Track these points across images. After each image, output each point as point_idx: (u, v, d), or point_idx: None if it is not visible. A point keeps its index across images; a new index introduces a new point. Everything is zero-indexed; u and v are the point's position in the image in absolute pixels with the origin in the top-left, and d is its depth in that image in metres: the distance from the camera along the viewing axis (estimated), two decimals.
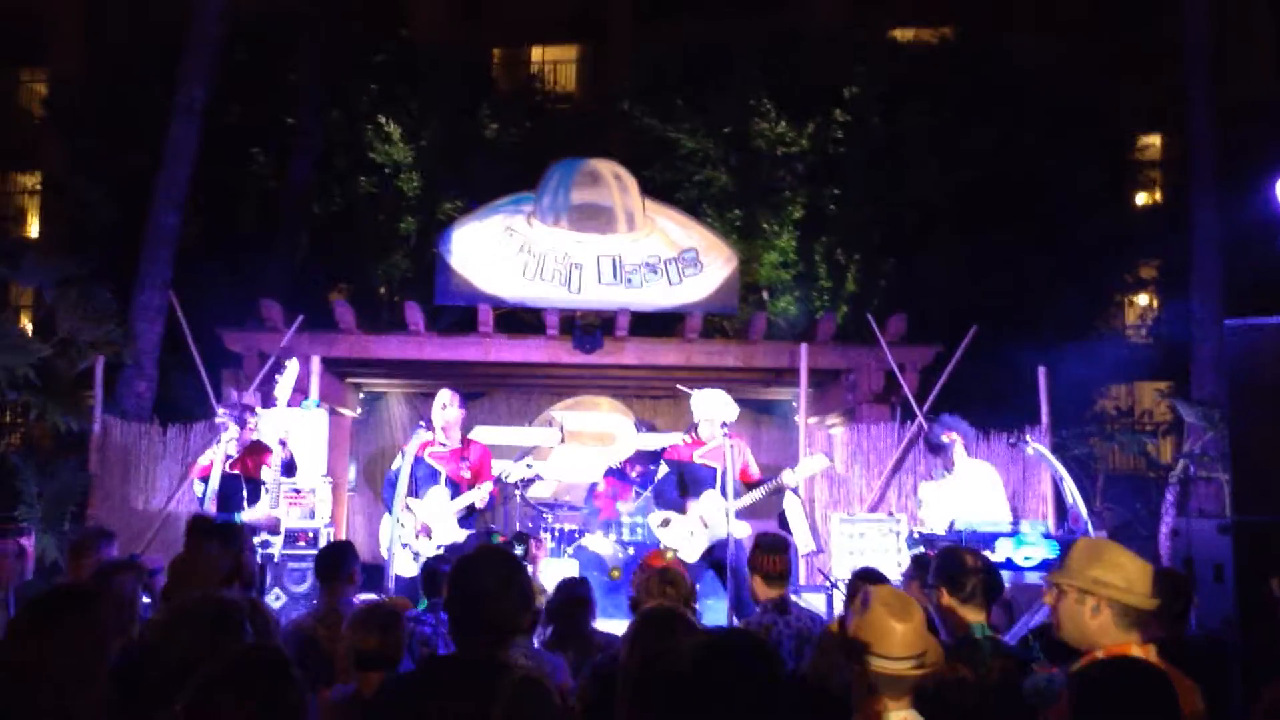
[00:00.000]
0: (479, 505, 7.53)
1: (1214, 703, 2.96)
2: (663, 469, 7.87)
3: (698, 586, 5.09)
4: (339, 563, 5.03)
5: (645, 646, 2.96)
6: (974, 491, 7.43)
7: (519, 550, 6.70)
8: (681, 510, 7.56)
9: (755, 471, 7.74)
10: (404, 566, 7.17)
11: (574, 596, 4.68)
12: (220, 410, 7.67)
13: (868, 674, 2.64)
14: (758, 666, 2.23)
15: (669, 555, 4.71)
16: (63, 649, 2.48)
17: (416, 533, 7.35)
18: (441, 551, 7.16)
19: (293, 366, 7.83)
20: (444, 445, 7.59)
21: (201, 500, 7.34)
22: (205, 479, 7.33)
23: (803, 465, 7.89)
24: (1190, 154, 12.13)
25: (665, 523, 7.58)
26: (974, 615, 3.62)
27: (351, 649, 3.73)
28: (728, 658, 2.24)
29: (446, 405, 7.63)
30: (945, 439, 7.67)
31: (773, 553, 4.80)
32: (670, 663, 2.39)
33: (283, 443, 7.45)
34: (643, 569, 4.66)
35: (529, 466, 8.00)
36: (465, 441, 7.77)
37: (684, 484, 7.68)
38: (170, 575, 3.82)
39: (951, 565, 3.71)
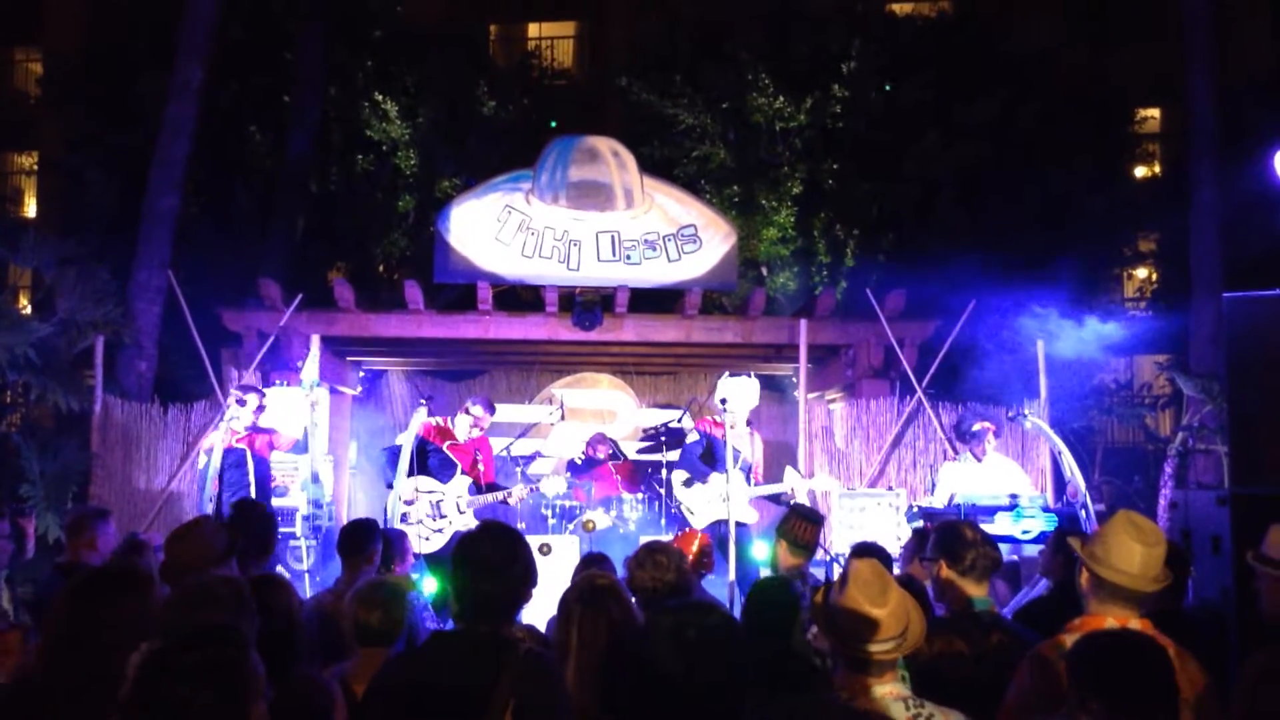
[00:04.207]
0: (513, 504, 7.95)
1: (1213, 673, 3.00)
2: (694, 435, 8.03)
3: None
4: (362, 541, 5.09)
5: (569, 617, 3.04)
6: (999, 485, 7.42)
7: None
8: (704, 479, 7.70)
9: (759, 475, 7.93)
10: (415, 545, 7.26)
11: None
12: (233, 390, 7.86)
13: (847, 652, 2.66)
14: None
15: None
16: (127, 620, 2.66)
17: (431, 515, 7.52)
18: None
19: (315, 345, 8.02)
20: (457, 441, 7.91)
21: (204, 474, 7.48)
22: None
23: (817, 480, 8.05)
24: (1190, 127, 12.09)
25: (688, 481, 7.72)
26: (973, 589, 3.63)
27: (353, 624, 3.76)
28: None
29: (476, 423, 8.00)
30: (978, 427, 7.68)
31: (807, 520, 4.83)
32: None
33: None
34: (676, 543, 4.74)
35: (569, 484, 8.36)
36: (480, 440, 8.10)
37: (712, 455, 7.82)
38: (167, 553, 3.83)
39: (950, 538, 3.73)
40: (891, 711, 2.58)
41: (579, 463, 10.54)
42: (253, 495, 7.38)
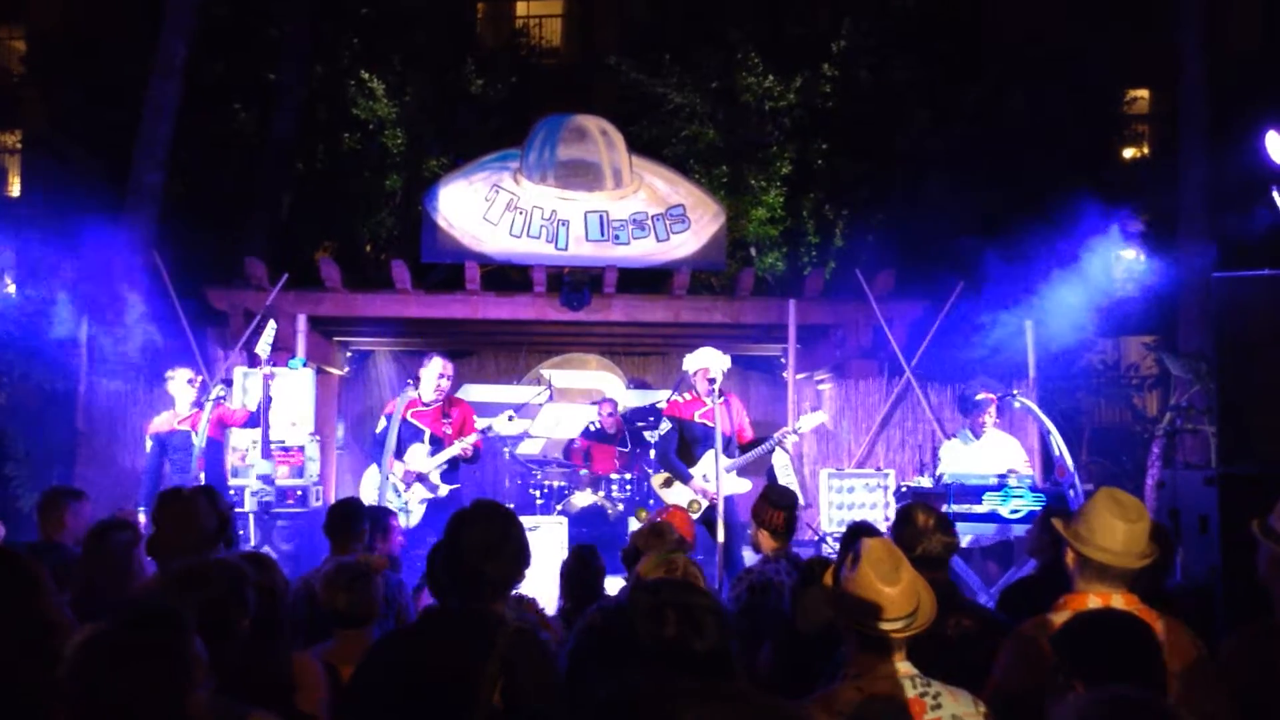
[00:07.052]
0: (464, 457, 7.59)
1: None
2: (665, 425, 7.84)
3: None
4: (349, 521, 5.09)
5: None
6: (1000, 462, 7.42)
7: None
8: (686, 479, 7.52)
9: (750, 432, 7.74)
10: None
11: (587, 563, 4.75)
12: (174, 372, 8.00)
13: (859, 632, 2.65)
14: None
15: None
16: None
17: (406, 483, 7.42)
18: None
19: (270, 326, 7.94)
20: (426, 405, 7.68)
21: (155, 457, 7.84)
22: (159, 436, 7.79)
23: (804, 420, 7.89)
24: (1180, 108, 12.08)
25: (667, 482, 7.61)
26: (929, 572, 3.64)
27: (326, 607, 3.77)
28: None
29: (443, 374, 7.70)
30: (980, 397, 7.66)
31: (778, 508, 4.79)
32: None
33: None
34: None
35: (510, 419, 8.00)
36: (448, 400, 7.84)
37: (684, 442, 7.66)
38: (155, 530, 3.80)
39: (904, 525, 3.75)
40: (899, 690, 2.58)
41: (593, 430, 10.56)
42: (200, 478, 7.37)
